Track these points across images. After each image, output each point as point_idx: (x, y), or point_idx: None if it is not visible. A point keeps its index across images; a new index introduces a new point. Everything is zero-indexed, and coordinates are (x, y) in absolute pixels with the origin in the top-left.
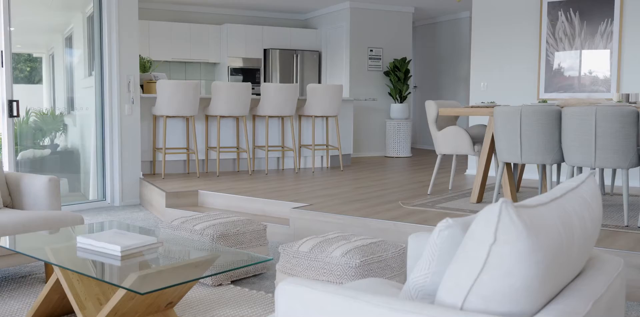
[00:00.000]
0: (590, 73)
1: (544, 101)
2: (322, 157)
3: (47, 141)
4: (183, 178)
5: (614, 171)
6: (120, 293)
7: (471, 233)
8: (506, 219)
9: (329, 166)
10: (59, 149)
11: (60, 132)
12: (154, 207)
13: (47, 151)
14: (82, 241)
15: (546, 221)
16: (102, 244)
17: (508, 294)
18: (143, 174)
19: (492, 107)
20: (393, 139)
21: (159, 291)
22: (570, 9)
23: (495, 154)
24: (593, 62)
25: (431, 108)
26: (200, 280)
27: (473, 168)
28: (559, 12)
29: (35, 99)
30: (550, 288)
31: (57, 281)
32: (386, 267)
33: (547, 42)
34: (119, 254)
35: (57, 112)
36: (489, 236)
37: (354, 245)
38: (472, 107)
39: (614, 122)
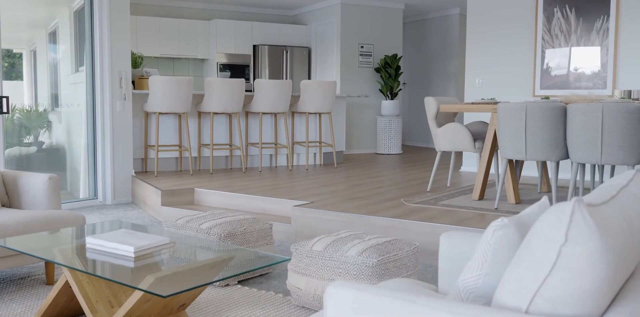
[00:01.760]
0: (586, 70)
1: (547, 98)
2: (315, 154)
3: (31, 139)
4: (176, 176)
5: (613, 169)
6: (137, 295)
7: (537, 233)
8: (579, 219)
9: (322, 163)
10: (44, 146)
11: (44, 130)
12: (147, 205)
13: (33, 149)
14: (92, 242)
15: (613, 220)
16: (114, 244)
17: (577, 296)
18: (135, 172)
19: (495, 103)
20: (384, 136)
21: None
22: (566, 6)
23: (496, 151)
24: (588, 59)
25: (431, 105)
26: None
27: (468, 165)
28: (555, 9)
29: (15, 95)
30: (615, 289)
31: (66, 284)
32: (401, 266)
33: (542, 38)
34: (133, 255)
35: (41, 109)
36: (559, 236)
37: (369, 244)
38: (472, 103)
39: (620, 119)
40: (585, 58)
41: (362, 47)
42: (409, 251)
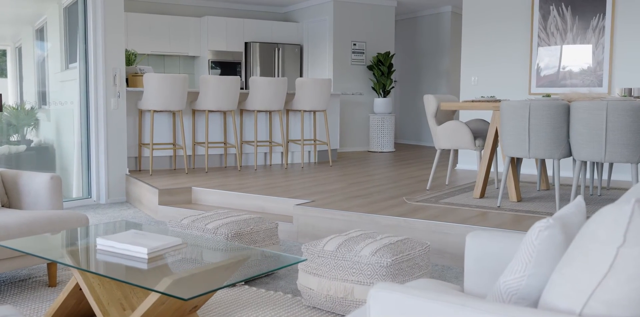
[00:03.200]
0: (581, 68)
1: (548, 95)
2: (309, 152)
3: (19, 137)
4: (171, 174)
5: (611, 167)
6: (153, 298)
7: (591, 234)
8: (638, 220)
9: (317, 161)
10: (32, 144)
11: (31, 128)
12: (143, 204)
13: (23, 147)
14: (103, 243)
15: None
16: (126, 245)
17: (634, 298)
18: (129, 171)
19: (496, 101)
20: (377, 134)
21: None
22: (562, 4)
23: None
24: (584, 57)
25: (431, 102)
26: None
27: (464, 162)
28: (551, 7)
29: None
30: None
31: (75, 286)
32: (414, 265)
33: (538, 36)
34: (146, 257)
35: (28, 107)
36: (617, 237)
37: (382, 243)
38: (473, 101)
39: (625, 117)
40: (581, 56)
41: (354, 44)
42: (421, 250)
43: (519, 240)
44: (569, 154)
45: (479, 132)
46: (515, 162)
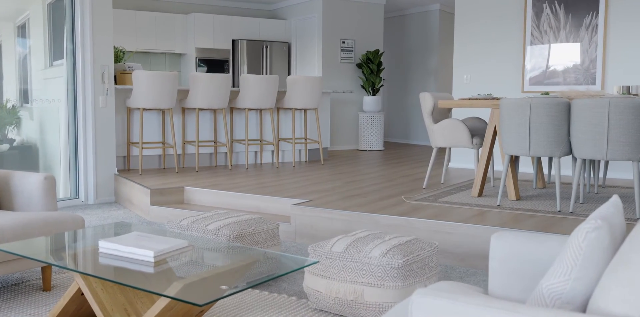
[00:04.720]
0: (575, 66)
1: (546, 93)
2: (300, 151)
3: (1, 136)
4: (161, 174)
5: (607, 165)
6: (162, 303)
7: None
8: None
9: (307, 159)
10: (15, 143)
11: (13, 126)
12: (134, 204)
13: (5, 146)
14: (105, 246)
15: None
16: (131, 248)
17: None
18: (118, 170)
19: (494, 99)
20: (366, 132)
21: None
22: (555, 2)
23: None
24: (577, 54)
25: (427, 100)
26: None
27: (457, 161)
28: (544, 5)
29: None
30: None
31: (77, 291)
32: (424, 266)
33: (531, 34)
34: (152, 260)
35: (9, 105)
36: None
37: (391, 244)
38: (470, 99)
39: (627, 114)
40: (574, 54)
41: (343, 42)
42: (430, 250)
43: (545, 241)
44: (570, 152)
45: (475, 131)
46: (514, 161)
